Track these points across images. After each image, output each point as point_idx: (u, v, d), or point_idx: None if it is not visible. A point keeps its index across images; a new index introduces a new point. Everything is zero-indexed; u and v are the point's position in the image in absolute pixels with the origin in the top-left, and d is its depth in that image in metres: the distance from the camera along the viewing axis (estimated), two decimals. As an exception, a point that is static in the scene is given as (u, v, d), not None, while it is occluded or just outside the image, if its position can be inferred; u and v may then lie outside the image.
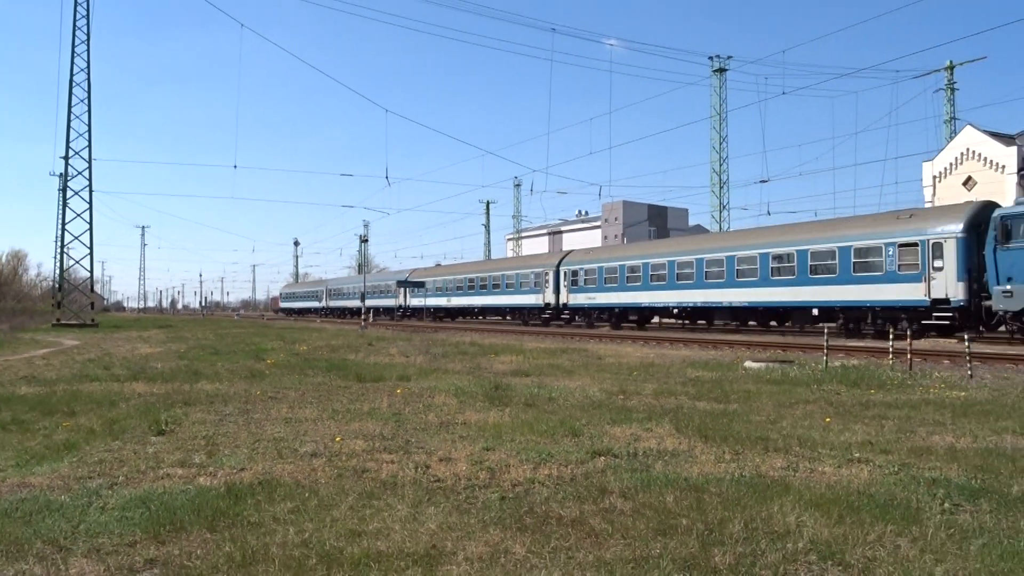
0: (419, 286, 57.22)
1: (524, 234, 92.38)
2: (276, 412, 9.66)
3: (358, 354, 20.73)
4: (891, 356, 16.29)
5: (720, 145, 50.05)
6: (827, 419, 8.77)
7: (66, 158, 48.47)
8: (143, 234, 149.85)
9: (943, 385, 12.19)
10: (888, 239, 24.39)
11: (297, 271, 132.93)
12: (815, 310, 26.66)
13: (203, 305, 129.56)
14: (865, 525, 4.59)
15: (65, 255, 51.52)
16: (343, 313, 74.99)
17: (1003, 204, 24.91)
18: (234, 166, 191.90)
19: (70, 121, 48.16)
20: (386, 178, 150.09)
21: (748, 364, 15.98)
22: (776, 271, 28.03)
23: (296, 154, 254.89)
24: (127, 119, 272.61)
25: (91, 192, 49.32)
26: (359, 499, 5.30)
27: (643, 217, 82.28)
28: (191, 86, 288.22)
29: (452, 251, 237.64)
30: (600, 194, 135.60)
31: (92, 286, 55.20)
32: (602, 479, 5.87)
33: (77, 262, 53.04)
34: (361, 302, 55.72)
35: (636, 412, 9.41)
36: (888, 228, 24.77)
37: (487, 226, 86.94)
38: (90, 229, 49.57)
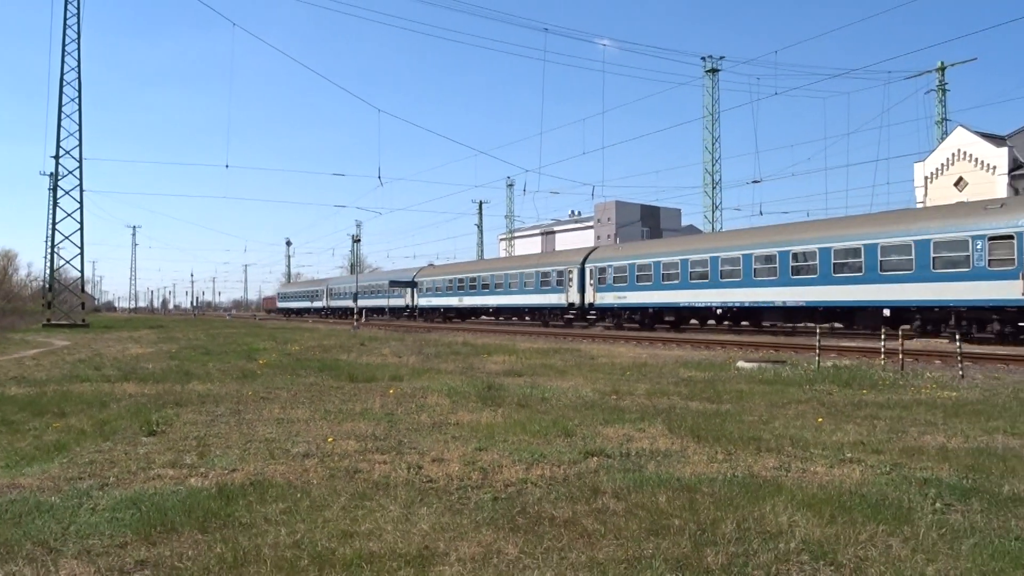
0: (429, 285, 54.71)
1: (517, 234, 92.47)
2: (268, 412, 9.62)
3: (350, 354, 20.69)
4: (883, 356, 16.38)
5: (713, 145, 50.20)
6: (819, 419, 8.80)
7: (56, 157, 48.17)
8: (134, 234, 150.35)
9: (934, 385, 12.25)
10: (976, 231, 22.20)
11: (289, 271, 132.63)
12: (886, 310, 24.34)
13: (194, 305, 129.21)
14: (857, 525, 4.60)
15: (55, 255, 51.12)
16: (345, 313, 74.02)
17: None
18: (226, 165, 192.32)
19: (61, 120, 47.84)
20: (379, 178, 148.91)
21: (741, 364, 16.03)
22: (839, 267, 25.76)
23: (288, 154, 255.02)
24: (119, 118, 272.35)
25: (82, 191, 49.08)
26: (351, 500, 5.28)
27: (636, 217, 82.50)
28: (183, 85, 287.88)
29: (445, 251, 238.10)
30: (593, 194, 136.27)
31: (83, 286, 54.93)
32: (595, 479, 5.87)
33: (68, 262, 52.75)
34: (353, 302, 55.43)
35: (629, 412, 9.42)
36: (975, 220, 22.55)
37: (480, 226, 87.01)
38: (80, 229, 49.36)
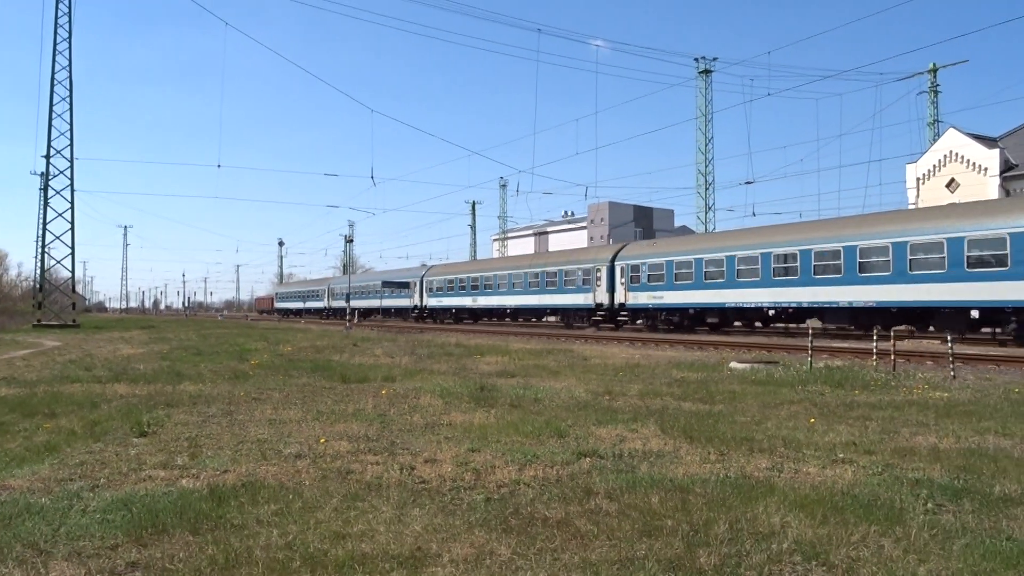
0: (439, 284, 52.28)
1: (510, 234, 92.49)
2: (260, 413, 9.58)
3: (343, 355, 20.63)
4: (875, 357, 16.44)
5: (706, 146, 50.28)
6: (811, 420, 8.82)
7: (47, 157, 47.94)
8: (125, 234, 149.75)
9: (926, 386, 12.30)
10: None
11: (281, 271, 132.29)
12: (974, 311, 22.03)
13: (186, 305, 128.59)
14: (849, 525, 4.61)
15: (46, 255, 50.86)
16: (351, 314, 73.08)
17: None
18: (218, 165, 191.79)
19: (51, 120, 47.64)
20: (371, 178, 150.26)
21: (733, 365, 16.06)
22: (916, 264, 23.45)
23: (281, 154, 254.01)
24: (110, 118, 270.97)
25: (73, 191, 48.86)
26: (343, 501, 5.27)
27: (629, 218, 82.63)
28: (175, 85, 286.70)
29: (438, 251, 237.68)
30: (586, 195, 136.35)
31: (73, 286, 54.75)
32: (588, 480, 5.87)
33: (58, 262, 52.62)
34: (346, 302, 55.04)
35: (622, 413, 9.43)
36: None
37: (473, 226, 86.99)
38: (71, 229, 49.17)
